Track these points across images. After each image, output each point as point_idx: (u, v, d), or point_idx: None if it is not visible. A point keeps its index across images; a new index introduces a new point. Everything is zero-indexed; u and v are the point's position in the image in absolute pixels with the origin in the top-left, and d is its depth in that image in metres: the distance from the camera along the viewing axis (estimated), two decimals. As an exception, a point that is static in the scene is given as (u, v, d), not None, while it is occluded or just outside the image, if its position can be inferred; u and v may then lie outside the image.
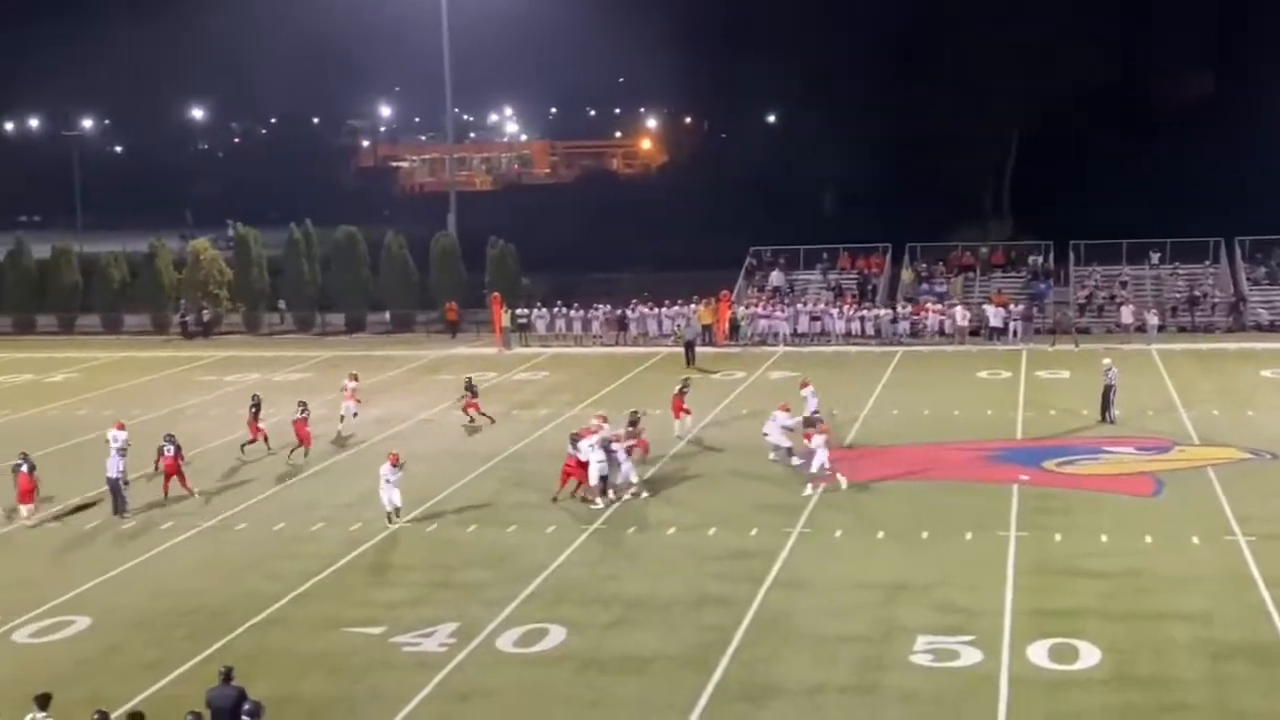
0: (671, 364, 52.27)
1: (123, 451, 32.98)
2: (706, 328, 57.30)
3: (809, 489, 32.19)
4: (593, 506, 31.76)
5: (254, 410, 38.75)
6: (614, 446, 32.45)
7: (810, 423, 34.15)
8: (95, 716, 17.30)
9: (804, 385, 38.58)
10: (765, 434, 35.64)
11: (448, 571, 27.70)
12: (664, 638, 23.58)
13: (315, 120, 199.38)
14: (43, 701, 17.92)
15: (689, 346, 52.49)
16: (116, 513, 32.34)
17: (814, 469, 32.49)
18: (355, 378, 42.79)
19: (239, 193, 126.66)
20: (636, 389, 46.80)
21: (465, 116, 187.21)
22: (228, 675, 18.65)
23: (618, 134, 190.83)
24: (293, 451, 37.63)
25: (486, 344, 58.78)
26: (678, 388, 39.58)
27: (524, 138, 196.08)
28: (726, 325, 57.89)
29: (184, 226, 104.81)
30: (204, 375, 52.65)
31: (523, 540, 29.65)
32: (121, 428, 35.05)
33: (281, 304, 66.19)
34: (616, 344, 57.81)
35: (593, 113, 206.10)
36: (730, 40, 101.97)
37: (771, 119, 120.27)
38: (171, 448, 33.79)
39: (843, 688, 21.29)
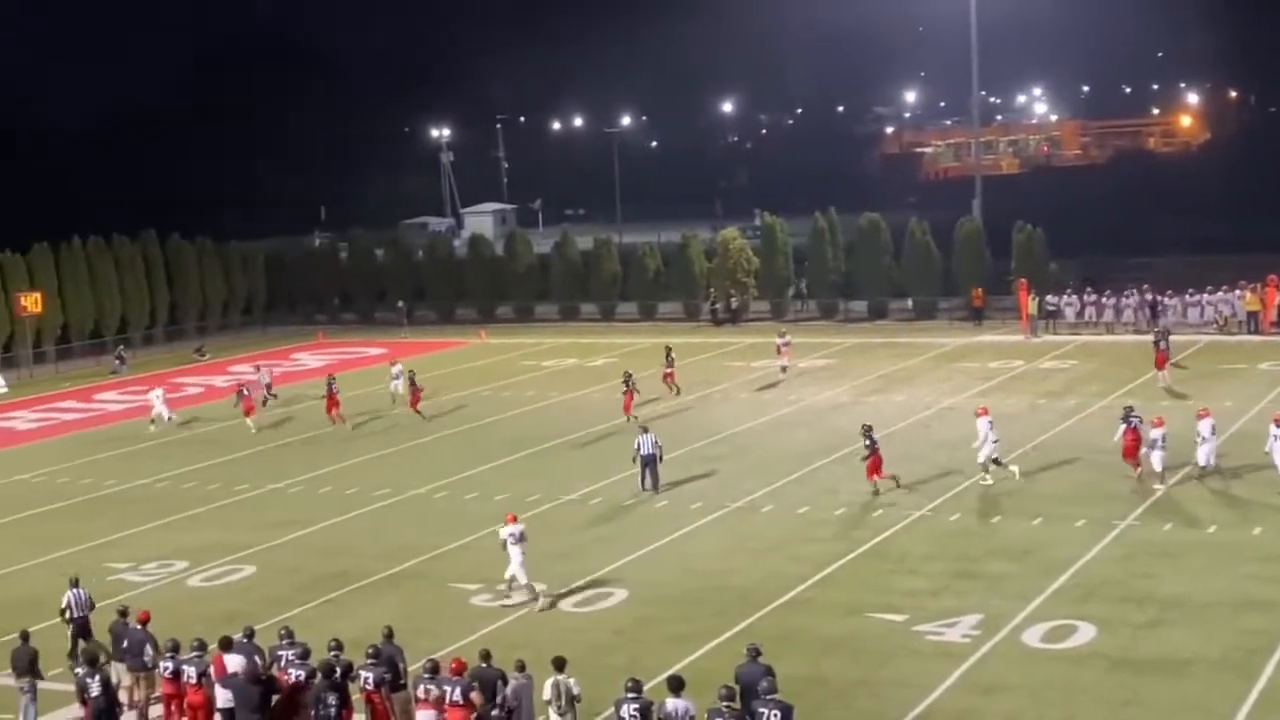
0: (1210, 352, 49.65)
1: (644, 430, 34.40)
2: (1252, 315, 53.71)
3: None
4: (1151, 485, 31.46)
5: (628, 386, 42.42)
6: None
7: None
8: (628, 684, 18.11)
9: None
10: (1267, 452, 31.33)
11: (971, 562, 27.35)
12: (1203, 640, 22.40)
13: (840, 109, 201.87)
14: (559, 664, 19.18)
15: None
16: (650, 489, 33.87)
17: None
18: (783, 335, 50.25)
19: (765, 183, 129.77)
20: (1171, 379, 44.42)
21: (991, 99, 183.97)
22: (756, 653, 19.13)
23: (1154, 111, 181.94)
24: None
25: (1012, 331, 57.45)
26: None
27: (1053, 118, 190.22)
28: (1274, 312, 53.97)
29: (714, 217, 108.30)
30: (732, 361, 54.27)
31: (1050, 533, 28.85)
32: None
33: (803, 288, 67.23)
34: (1150, 332, 54.94)
35: (1128, 90, 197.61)
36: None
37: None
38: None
39: None
